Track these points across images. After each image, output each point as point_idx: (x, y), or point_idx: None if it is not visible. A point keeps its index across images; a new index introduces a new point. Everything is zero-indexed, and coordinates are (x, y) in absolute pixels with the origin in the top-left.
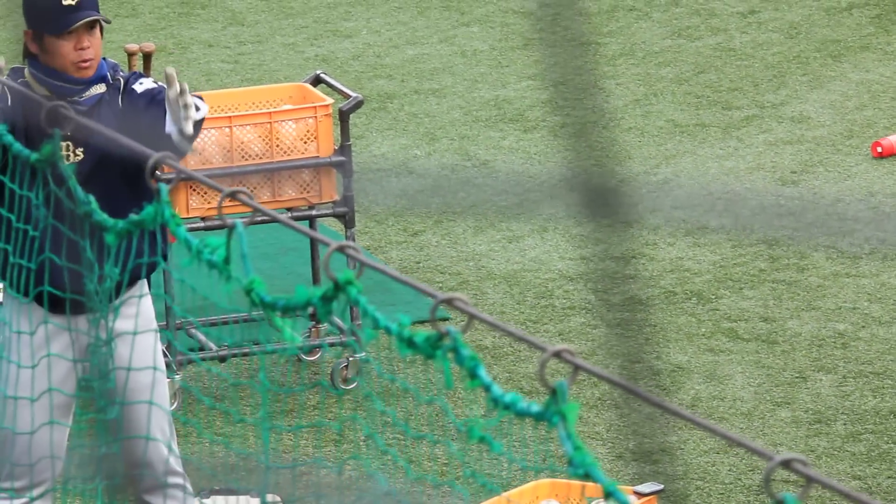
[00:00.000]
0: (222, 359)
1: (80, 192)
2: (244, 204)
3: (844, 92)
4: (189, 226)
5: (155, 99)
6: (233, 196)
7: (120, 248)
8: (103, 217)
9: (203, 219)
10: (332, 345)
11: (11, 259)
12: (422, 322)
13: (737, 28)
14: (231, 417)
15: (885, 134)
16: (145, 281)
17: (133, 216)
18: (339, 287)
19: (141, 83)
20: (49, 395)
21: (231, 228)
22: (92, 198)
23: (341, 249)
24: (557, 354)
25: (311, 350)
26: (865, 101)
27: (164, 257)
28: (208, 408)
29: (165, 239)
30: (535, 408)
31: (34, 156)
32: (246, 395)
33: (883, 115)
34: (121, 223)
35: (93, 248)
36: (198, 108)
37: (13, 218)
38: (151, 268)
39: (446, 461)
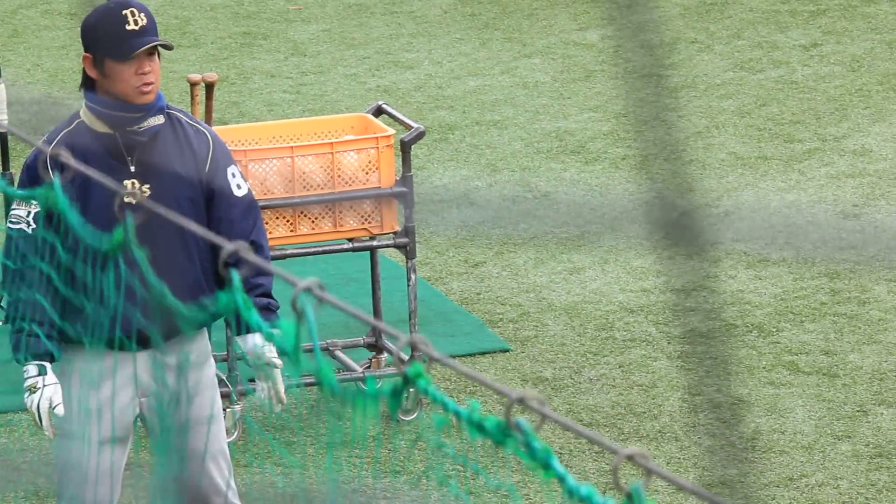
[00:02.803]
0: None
1: (152, 278)
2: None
3: None
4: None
5: (250, 208)
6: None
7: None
8: (177, 305)
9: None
10: (382, 377)
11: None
12: (482, 353)
13: (799, 61)
14: (291, 447)
15: None
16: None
17: (209, 307)
18: (407, 381)
19: (239, 185)
20: (111, 427)
21: (302, 315)
22: (164, 286)
23: (412, 345)
24: (630, 458)
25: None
26: None
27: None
28: (268, 438)
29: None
30: (612, 502)
31: (105, 244)
32: (306, 425)
33: None
34: (198, 317)
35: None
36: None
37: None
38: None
39: (506, 494)
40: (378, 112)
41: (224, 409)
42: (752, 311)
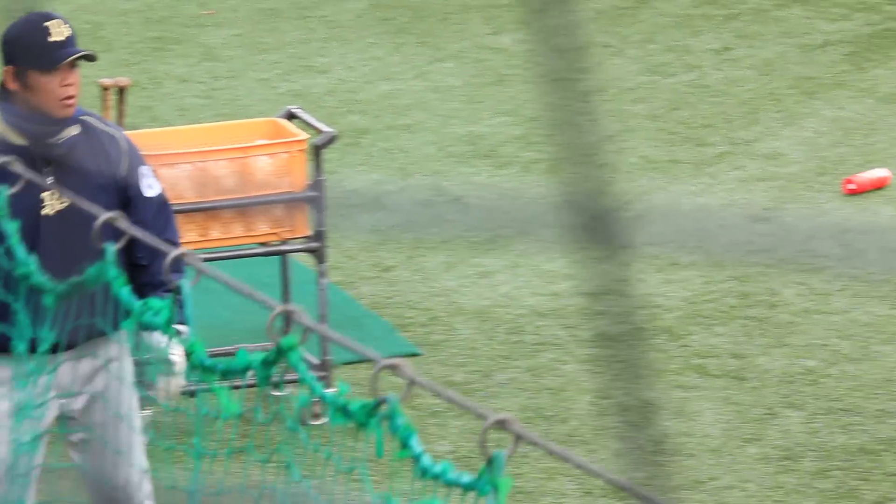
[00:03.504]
0: (192, 394)
1: (20, 252)
2: (193, 266)
3: (817, 129)
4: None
5: (162, 207)
6: (180, 258)
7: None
8: (42, 280)
9: None
10: (287, 383)
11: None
12: (393, 357)
13: (711, 65)
14: (192, 450)
15: (858, 171)
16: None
17: (74, 278)
18: (280, 352)
19: (150, 186)
20: (30, 427)
21: (176, 290)
22: (32, 260)
23: (286, 314)
24: (499, 424)
25: (278, 385)
26: (838, 137)
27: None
28: (175, 440)
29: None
30: (466, 478)
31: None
32: (214, 429)
33: (855, 152)
34: (61, 287)
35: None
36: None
37: None
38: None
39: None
40: (290, 116)
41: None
42: (662, 315)
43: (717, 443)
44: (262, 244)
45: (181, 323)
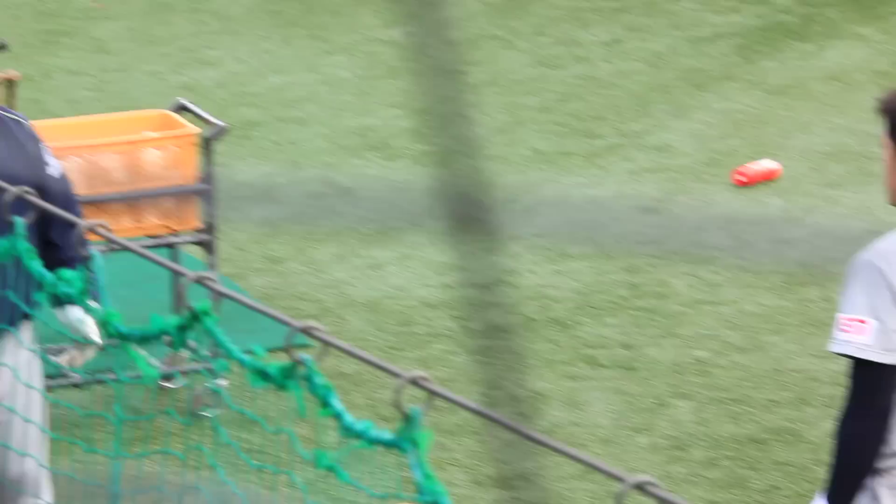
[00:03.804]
0: (77, 385)
1: None
2: (102, 237)
3: (707, 121)
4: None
5: (66, 187)
6: (91, 230)
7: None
8: None
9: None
10: (184, 372)
11: None
12: (281, 349)
13: (601, 57)
14: (92, 444)
15: (747, 163)
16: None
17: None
18: (195, 317)
19: (56, 167)
20: None
21: (88, 260)
22: None
23: (199, 280)
24: (413, 381)
25: (169, 377)
26: (728, 130)
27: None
28: (66, 432)
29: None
30: (387, 435)
31: None
32: (103, 421)
33: (744, 144)
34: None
35: None
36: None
37: None
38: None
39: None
40: (180, 109)
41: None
42: (553, 306)
43: (607, 433)
44: (152, 236)
45: (94, 296)
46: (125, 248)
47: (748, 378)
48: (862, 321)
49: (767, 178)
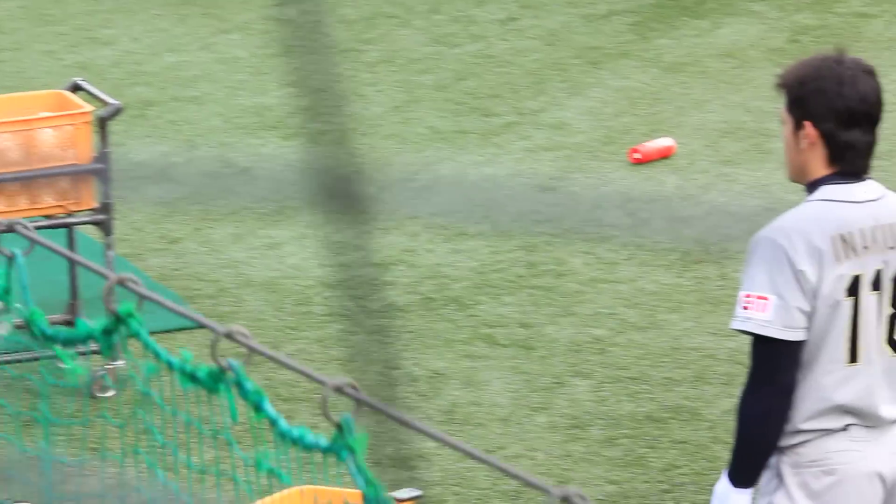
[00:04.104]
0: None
1: None
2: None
3: (603, 98)
4: None
5: None
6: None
7: None
8: None
9: None
10: (83, 354)
11: None
12: (180, 330)
13: (496, 35)
14: None
15: (643, 140)
16: None
17: None
18: (119, 320)
19: None
20: None
21: (11, 258)
22: None
23: (121, 282)
24: (338, 389)
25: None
26: (624, 107)
27: None
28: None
29: None
30: (324, 442)
31: None
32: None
33: (640, 121)
34: None
35: None
36: None
37: None
38: None
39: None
40: (75, 88)
41: None
42: (450, 285)
43: (506, 412)
44: (48, 217)
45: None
46: (37, 243)
47: (646, 356)
48: (763, 298)
49: (663, 156)
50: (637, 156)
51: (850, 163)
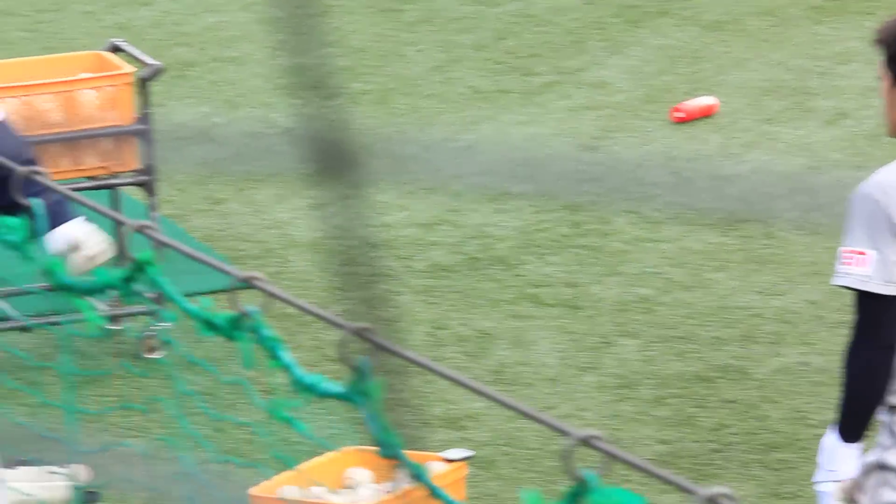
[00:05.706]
0: (25, 329)
1: None
2: (42, 183)
3: (643, 57)
4: None
5: (7, 130)
6: (28, 177)
7: None
8: None
9: None
10: (131, 315)
11: None
12: (226, 291)
13: None
14: (36, 387)
15: (684, 99)
16: None
17: None
18: (139, 267)
19: None
20: None
21: (30, 208)
22: None
23: (139, 229)
24: (358, 333)
25: (116, 319)
26: (664, 66)
27: None
28: (13, 375)
29: None
30: (338, 388)
31: None
32: (47, 364)
33: (681, 80)
34: None
35: None
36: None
37: None
38: None
39: (252, 436)
40: (115, 49)
41: None
42: (495, 245)
43: (554, 372)
44: (91, 178)
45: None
46: (66, 196)
47: (693, 315)
48: (862, 253)
49: (705, 114)
50: (679, 114)
51: None
